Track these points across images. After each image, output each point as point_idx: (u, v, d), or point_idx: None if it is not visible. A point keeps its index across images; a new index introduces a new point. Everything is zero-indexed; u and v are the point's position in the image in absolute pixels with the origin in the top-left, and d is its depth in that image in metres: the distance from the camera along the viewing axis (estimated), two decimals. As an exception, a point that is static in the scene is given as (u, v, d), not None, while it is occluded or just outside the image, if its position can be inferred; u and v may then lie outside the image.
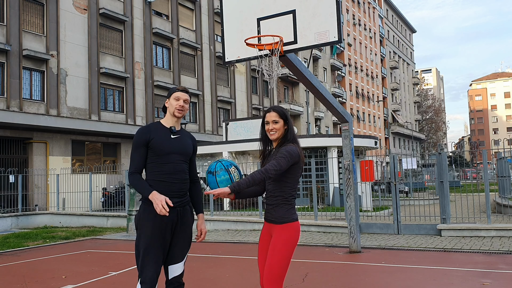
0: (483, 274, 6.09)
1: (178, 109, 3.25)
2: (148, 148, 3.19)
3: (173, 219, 3.16)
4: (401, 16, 77.44)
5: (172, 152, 3.20)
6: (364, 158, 18.14)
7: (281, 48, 5.94)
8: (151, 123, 3.32)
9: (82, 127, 21.50)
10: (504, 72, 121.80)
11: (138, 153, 3.19)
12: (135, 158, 3.20)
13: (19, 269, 7.42)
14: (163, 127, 3.27)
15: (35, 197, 19.72)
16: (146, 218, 3.11)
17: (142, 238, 3.11)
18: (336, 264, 7.23)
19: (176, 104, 3.25)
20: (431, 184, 27.53)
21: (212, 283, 5.98)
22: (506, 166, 14.73)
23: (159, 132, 3.23)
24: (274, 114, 3.19)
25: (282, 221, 3.10)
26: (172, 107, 3.27)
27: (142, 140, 3.19)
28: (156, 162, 3.18)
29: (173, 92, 3.30)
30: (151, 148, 3.18)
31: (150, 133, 3.20)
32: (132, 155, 3.22)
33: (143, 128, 3.24)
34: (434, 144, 76.12)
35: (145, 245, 3.09)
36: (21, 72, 19.94)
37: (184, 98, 3.28)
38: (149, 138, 3.19)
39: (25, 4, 20.61)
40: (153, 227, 3.09)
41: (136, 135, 3.21)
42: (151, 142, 3.17)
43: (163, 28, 27.99)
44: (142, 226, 3.13)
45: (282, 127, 3.19)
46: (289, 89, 42.83)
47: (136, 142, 3.20)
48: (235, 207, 15.26)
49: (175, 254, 3.24)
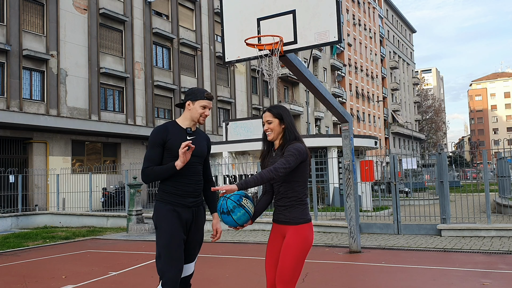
0: (483, 274, 6.08)
1: (203, 118, 3.23)
2: (164, 148, 3.15)
3: (188, 218, 3.18)
4: (401, 16, 77.45)
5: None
6: (364, 158, 18.14)
7: (281, 48, 5.94)
8: (167, 122, 3.27)
9: (82, 127, 21.49)
10: (504, 72, 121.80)
11: (154, 152, 3.15)
12: (151, 155, 3.14)
13: (19, 269, 7.42)
14: (180, 128, 3.23)
15: (35, 197, 19.72)
16: (164, 216, 3.10)
17: (162, 235, 3.08)
18: (336, 264, 7.23)
19: (202, 112, 3.22)
20: (431, 184, 27.52)
21: (212, 283, 5.98)
22: (506, 166, 14.73)
23: (175, 132, 3.19)
24: (268, 114, 3.14)
25: (297, 222, 3.02)
26: (196, 113, 3.22)
27: (159, 140, 3.15)
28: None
29: (200, 98, 3.22)
30: (168, 149, 3.15)
31: (167, 133, 3.16)
32: (148, 153, 3.16)
33: (161, 128, 3.20)
34: (434, 144, 76.11)
35: (166, 242, 3.05)
36: (21, 72, 19.94)
37: (210, 107, 3.26)
38: (166, 138, 3.15)
39: (25, 4, 20.61)
40: (172, 224, 3.08)
41: (153, 134, 3.17)
42: (168, 143, 3.14)
43: (163, 28, 27.99)
44: (161, 223, 3.10)
45: (277, 127, 3.12)
46: (289, 89, 42.83)
47: (152, 141, 3.16)
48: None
49: (187, 253, 3.23)
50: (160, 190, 3.21)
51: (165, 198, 3.16)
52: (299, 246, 2.96)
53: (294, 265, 2.94)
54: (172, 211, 3.11)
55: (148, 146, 3.19)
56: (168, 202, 3.14)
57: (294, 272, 2.94)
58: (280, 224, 3.11)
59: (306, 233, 3.01)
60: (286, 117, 3.13)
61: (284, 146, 3.09)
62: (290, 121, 3.14)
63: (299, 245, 2.96)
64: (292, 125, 3.14)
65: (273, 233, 3.18)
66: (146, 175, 3.13)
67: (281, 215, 3.09)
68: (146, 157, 3.17)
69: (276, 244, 3.12)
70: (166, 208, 3.12)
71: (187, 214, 3.16)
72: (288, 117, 3.15)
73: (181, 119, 3.28)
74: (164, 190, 3.18)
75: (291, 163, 2.93)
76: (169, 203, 3.14)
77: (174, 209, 3.13)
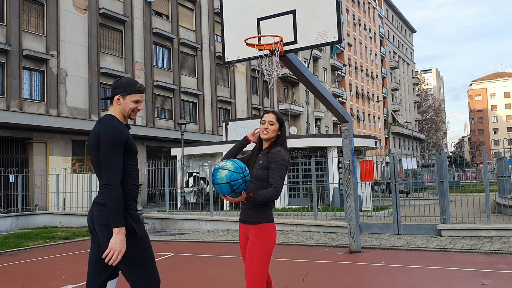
0: (483, 274, 6.09)
1: (135, 113, 2.90)
2: (125, 149, 2.77)
3: None
4: (401, 16, 77.45)
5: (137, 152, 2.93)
6: (364, 158, 18.14)
7: (281, 48, 5.94)
8: (112, 117, 2.86)
9: (82, 127, 21.49)
10: (504, 72, 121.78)
11: (119, 155, 2.71)
12: (117, 161, 2.69)
13: (19, 269, 7.42)
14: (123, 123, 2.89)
15: (35, 197, 19.72)
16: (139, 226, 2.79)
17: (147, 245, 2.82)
18: (336, 264, 7.23)
19: (135, 107, 2.88)
20: (431, 184, 27.53)
21: (212, 283, 5.98)
22: (506, 166, 14.73)
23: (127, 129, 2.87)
24: (273, 116, 3.27)
25: (259, 221, 3.10)
26: (127, 108, 2.87)
27: (124, 139, 2.75)
28: (132, 165, 2.83)
29: (131, 92, 2.85)
30: (128, 149, 2.78)
31: (126, 131, 2.81)
32: (112, 157, 2.69)
33: (118, 124, 2.79)
34: (434, 144, 76.11)
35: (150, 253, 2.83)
36: (21, 72, 19.94)
37: (143, 100, 2.92)
38: (127, 136, 2.79)
39: (25, 4, 20.61)
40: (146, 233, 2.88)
41: (116, 133, 2.72)
42: (128, 142, 2.78)
43: (163, 28, 27.99)
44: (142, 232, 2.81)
45: (275, 131, 3.25)
46: (289, 89, 42.83)
47: (117, 141, 2.71)
48: (235, 207, 15.25)
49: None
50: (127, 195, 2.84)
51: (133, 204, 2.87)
52: (262, 246, 3.05)
53: (261, 266, 3.03)
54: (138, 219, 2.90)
55: (113, 148, 2.70)
56: (135, 208, 2.88)
57: (262, 272, 3.03)
58: (244, 224, 3.21)
59: (268, 232, 3.09)
60: (285, 126, 3.33)
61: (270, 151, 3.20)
62: (285, 130, 3.35)
63: (262, 245, 3.05)
64: (286, 135, 3.34)
65: (240, 234, 3.30)
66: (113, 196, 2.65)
67: (246, 215, 3.18)
68: (110, 163, 2.68)
69: (244, 244, 3.24)
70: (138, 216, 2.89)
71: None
72: (285, 127, 3.36)
73: (116, 114, 2.90)
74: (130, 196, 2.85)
75: (283, 175, 3.10)
76: (135, 209, 2.89)
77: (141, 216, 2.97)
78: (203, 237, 11.02)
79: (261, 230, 3.09)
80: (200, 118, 30.59)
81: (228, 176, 2.81)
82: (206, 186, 17.93)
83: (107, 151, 2.69)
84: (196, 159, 19.22)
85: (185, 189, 18.15)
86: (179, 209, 16.71)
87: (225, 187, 2.82)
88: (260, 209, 3.12)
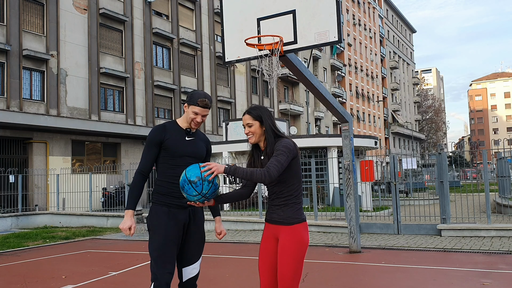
0: (483, 274, 6.08)
1: (195, 124, 3.17)
2: (162, 148, 3.11)
3: (185, 219, 3.13)
4: (401, 16, 77.45)
5: (185, 155, 3.13)
6: (364, 158, 18.14)
7: (281, 48, 5.94)
8: (167, 122, 3.24)
9: (82, 127, 21.48)
10: (504, 72, 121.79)
11: (150, 152, 3.12)
12: (145, 156, 3.13)
13: (19, 269, 7.42)
14: (179, 128, 3.19)
15: (35, 197, 19.71)
16: (159, 218, 3.06)
17: (156, 239, 3.04)
18: (336, 264, 7.23)
19: (194, 118, 3.15)
20: (431, 184, 27.53)
21: (212, 283, 5.98)
22: (506, 166, 14.73)
23: (174, 132, 3.15)
24: (247, 117, 3.00)
25: (291, 222, 2.88)
26: (188, 117, 3.17)
27: (157, 139, 3.11)
28: (168, 163, 3.12)
29: (193, 103, 3.12)
30: (165, 149, 3.11)
31: (165, 133, 3.12)
32: (144, 152, 3.14)
33: (160, 127, 3.16)
34: (434, 144, 76.11)
35: (159, 245, 3.01)
36: (21, 72, 19.93)
37: (203, 114, 3.16)
38: (163, 137, 3.11)
39: (25, 4, 20.61)
40: (166, 227, 3.04)
41: (151, 133, 3.13)
42: (166, 142, 3.10)
43: (163, 28, 27.99)
44: (155, 226, 3.07)
45: (259, 129, 2.98)
46: (289, 89, 42.83)
47: (150, 140, 3.11)
48: (235, 207, 15.25)
49: (190, 254, 3.17)
50: (155, 191, 3.16)
51: (161, 199, 3.11)
52: (295, 249, 2.84)
53: (294, 269, 2.82)
54: (168, 213, 3.07)
55: (146, 144, 3.14)
56: (164, 203, 3.10)
57: (295, 276, 2.83)
58: (273, 224, 2.97)
59: (301, 233, 2.88)
60: (266, 118, 2.98)
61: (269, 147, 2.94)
62: (270, 122, 2.98)
63: (295, 248, 2.84)
64: (273, 125, 2.98)
65: (265, 234, 3.04)
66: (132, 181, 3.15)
67: (275, 215, 2.95)
68: (142, 156, 3.15)
69: (269, 246, 2.98)
70: (162, 210, 3.08)
71: (184, 215, 3.11)
72: (269, 118, 3.00)
73: (181, 120, 3.24)
74: (159, 191, 3.14)
75: (282, 162, 2.78)
76: (165, 204, 3.09)
77: (170, 211, 3.08)
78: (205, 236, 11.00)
79: (294, 231, 2.87)
80: (200, 118, 30.54)
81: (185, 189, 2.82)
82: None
83: (145, 146, 3.17)
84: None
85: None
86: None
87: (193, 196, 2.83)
88: (290, 208, 2.90)
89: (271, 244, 2.97)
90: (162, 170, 3.13)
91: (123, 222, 3.06)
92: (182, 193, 2.95)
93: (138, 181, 3.11)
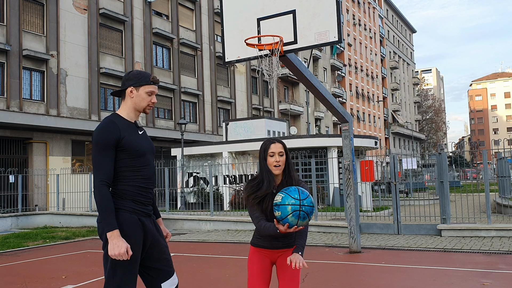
0: (483, 274, 6.08)
1: (151, 106, 2.78)
2: (118, 149, 2.63)
3: (152, 228, 2.75)
4: (401, 16, 77.46)
5: (147, 152, 2.74)
6: (364, 158, 18.14)
7: (281, 48, 5.94)
8: (113, 117, 2.72)
9: (82, 127, 21.49)
10: (504, 72, 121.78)
11: (108, 157, 2.58)
12: (103, 162, 2.57)
13: (19, 269, 7.42)
14: (128, 122, 2.73)
15: (35, 197, 19.72)
16: (127, 230, 2.59)
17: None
18: (336, 264, 7.23)
19: (149, 99, 2.77)
20: (431, 184, 27.53)
21: (212, 283, 5.98)
22: (506, 166, 14.73)
23: (127, 128, 2.69)
24: (281, 146, 2.84)
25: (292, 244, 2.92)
26: (142, 101, 2.75)
27: (113, 140, 2.60)
28: (130, 166, 2.65)
29: (145, 83, 2.74)
30: (122, 149, 2.63)
31: (120, 131, 2.64)
32: (98, 159, 2.58)
33: (111, 124, 2.64)
34: (434, 144, 76.13)
35: (127, 261, 2.58)
36: (21, 72, 19.93)
37: (156, 93, 2.80)
38: (119, 136, 2.62)
39: (25, 4, 20.61)
40: (136, 240, 2.62)
41: (102, 133, 2.60)
42: (123, 142, 2.62)
43: (163, 28, 27.99)
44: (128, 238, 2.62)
45: (285, 161, 2.87)
46: (289, 89, 42.83)
47: (105, 142, 2.59)
48: (235, 207, 15.26)
49: (167, 266, 2.78)
50: (121, 197, 2.65)
51: (131, 206, 2.65)
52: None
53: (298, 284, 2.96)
54: (139, 222, 2.66)
55: (99, 148, 2.59)
56: (133, 211, 2.65)
57: None
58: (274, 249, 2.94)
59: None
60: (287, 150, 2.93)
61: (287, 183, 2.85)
62: (289, 154, 2.93)
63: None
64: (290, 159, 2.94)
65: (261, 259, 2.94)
66: (98, 196, 2.54)
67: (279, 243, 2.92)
68: (97, 164, 2.58)
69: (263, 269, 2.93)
70: (129, 219, 2.62)
71: (150, 224, 2.73)
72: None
73: (124, 111, 2.76)
74: (126, 196, 2.65)
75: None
76: (135, 212, 2.66)
77: (140, 219, 2.67)
78: (203, 237, 11.02)
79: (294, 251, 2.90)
80: (200, 118, 30.59)
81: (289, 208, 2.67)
82: (206, 186, 17.92)
83: (94, 153, 2.61)
84: (196, 159, 19.21)
85: (185, 189, 18.15)
86: (179, 209, 16.72)
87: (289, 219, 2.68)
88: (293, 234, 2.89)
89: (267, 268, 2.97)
90: (123, 176, 2.65)
91: (115, 246, 2.48)
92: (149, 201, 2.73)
93: (108, 194, 2.55)
